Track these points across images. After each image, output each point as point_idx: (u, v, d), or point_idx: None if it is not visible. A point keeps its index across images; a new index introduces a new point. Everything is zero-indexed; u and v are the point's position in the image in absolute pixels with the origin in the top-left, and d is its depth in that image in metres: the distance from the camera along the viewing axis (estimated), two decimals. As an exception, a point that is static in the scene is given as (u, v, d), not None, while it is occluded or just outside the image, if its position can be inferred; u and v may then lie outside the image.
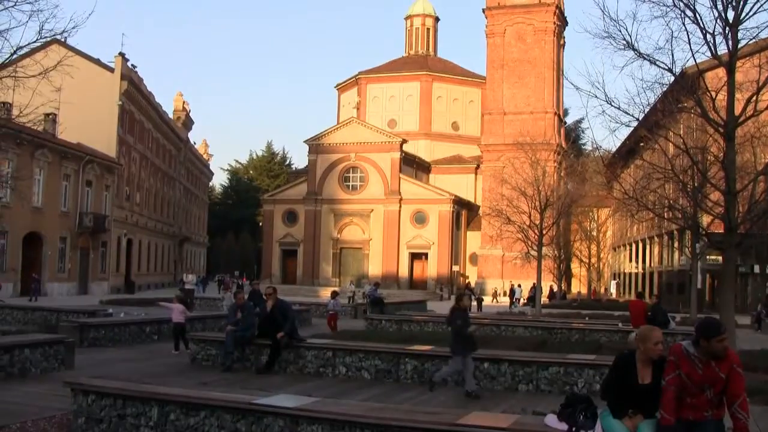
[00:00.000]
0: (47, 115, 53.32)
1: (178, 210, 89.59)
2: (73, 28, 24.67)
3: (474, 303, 52.25)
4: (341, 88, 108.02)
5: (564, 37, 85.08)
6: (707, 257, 46.31)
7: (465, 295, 17.09)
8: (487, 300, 70.92)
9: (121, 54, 62.97)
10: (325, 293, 72.24)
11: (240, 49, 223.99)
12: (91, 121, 58.68)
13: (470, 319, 16.14)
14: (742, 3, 20.11)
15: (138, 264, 71.05)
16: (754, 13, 20.26)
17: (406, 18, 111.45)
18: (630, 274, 78.73)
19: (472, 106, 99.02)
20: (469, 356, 14.68)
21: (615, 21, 21.49)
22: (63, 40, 31.55)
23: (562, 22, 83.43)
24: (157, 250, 78.77)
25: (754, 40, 21.07)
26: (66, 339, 17.28)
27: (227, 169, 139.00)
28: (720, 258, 30.58)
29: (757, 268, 49.91)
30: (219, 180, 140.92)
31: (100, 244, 60.51)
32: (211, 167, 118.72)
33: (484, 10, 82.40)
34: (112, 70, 62.17)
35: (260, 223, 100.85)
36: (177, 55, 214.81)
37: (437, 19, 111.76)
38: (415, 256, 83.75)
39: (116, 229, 63.68)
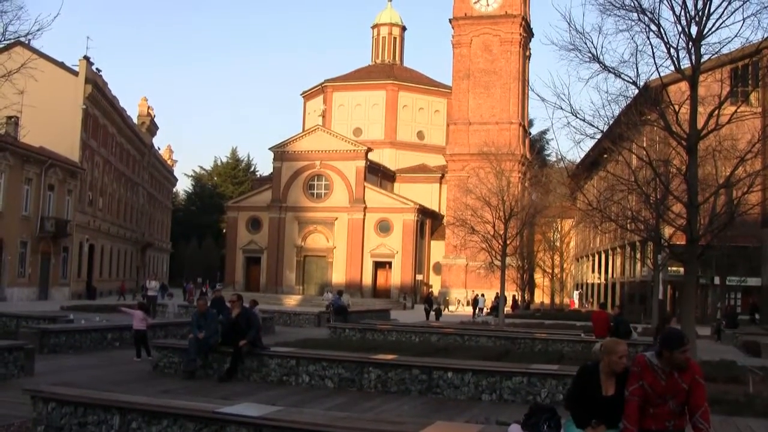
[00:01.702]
0: (9, 118, 52.68)
1: (142, 216, 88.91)
2: (38, 30, 24.52)
3: (432, 313, 52.51)
4: (307, 95, 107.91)
5: (530, 49, 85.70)
6: (669, 268, 46.75)
7: (670, 317, 16.51)
8: (452, 309, 71.24)
9: (86, 57, 62.42)
10: (289, 301, 72.23)
11: (205, 54, 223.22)
12: (54, 125, 58.06)
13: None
14: (705, 19, 20.42)
15: (100, 270, 70.38)
16: (717, 29, 20.60)
17: (373, 27, 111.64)
18: (593, 284, 79.32)
19: (438, 116, 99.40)
20: None
21: (581, 34, 21.74)
22: (27, 42, 31.28)
23: (528, 33, 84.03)
24: (119, 256, 78.08)
25: (716, 56, 21.39)
26: (26, 345, 17.04)
27: (191, 175, 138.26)
28: (681, 269, 30.91)
29: (717, 280, 50.51)
30: (183, 186, 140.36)
31: (61, 249, 59.85)
32: (175, 173, 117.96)
33: (450, 21, 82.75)
34: (76, 73, 61.59)
35: (224, 230, 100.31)
36: (142, 60, 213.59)
37: (404, 29, 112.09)
38: (378, 265, 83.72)
39: (78, 234, 63.04)
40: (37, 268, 56.33)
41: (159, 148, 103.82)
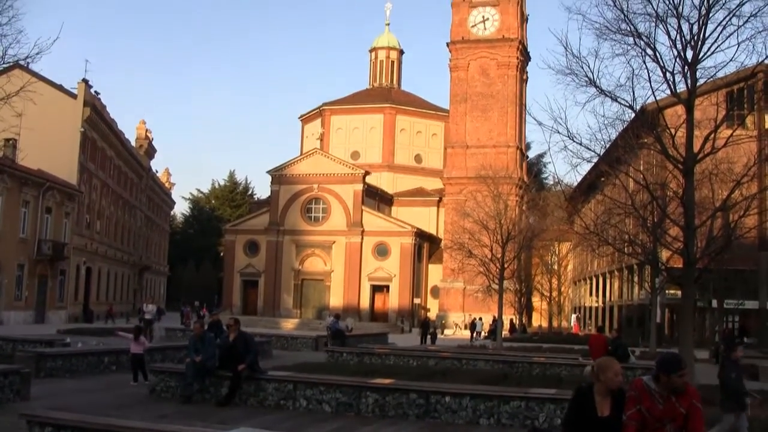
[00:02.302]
0: (8, 140, 52.90)
1: (139, 238, 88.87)
2: (37, 54, 24.59)
3: (428, 337, 52.43)
4: (305, 119, 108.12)
5: (527, 72, 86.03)
6: (666, 291, 46.74)
7: (737, 344, 16.44)
8: (448, 333, 71.06)
9: (85, 80, 62.61)
10: (286, 324, 72.07)
11: (203, 77, 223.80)
12: (52, 148, 58.14)
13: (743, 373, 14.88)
14: (700, 43, 20.56)
15: (97, 293, 70.25)
16: (712, 53, 20.74)
17: (371, 50, 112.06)
18: (591, 308, 79.21)
19: (435, 139, 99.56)
20: (742, 413, 13.64)
21: (578, 58, 21.86)
22: (26, 65, 31.38)
23: (525, 57, 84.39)
24: (116, 279, 77.97)
25: (711, 79, 21.50)
26: (22, 369, 16.99)
27: (189, 198, 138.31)
28: (679, 292, 30.88)
29: (715, 303, 50.47)
30: (181, 209, 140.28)
31: (58, 272, 59.76)
32: (172, 196, 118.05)
33: (448, 44, 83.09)
34: (74, 96, 61.74)
35: (221, 253, 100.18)
36: (140, 83, 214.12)
37: (402, 52, 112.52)
38: (376, 289, 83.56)
39: (75, 257, 62.98)
40: (33, 291, 56.21)
41: (157, 171, 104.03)
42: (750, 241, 41.11)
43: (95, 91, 65.49)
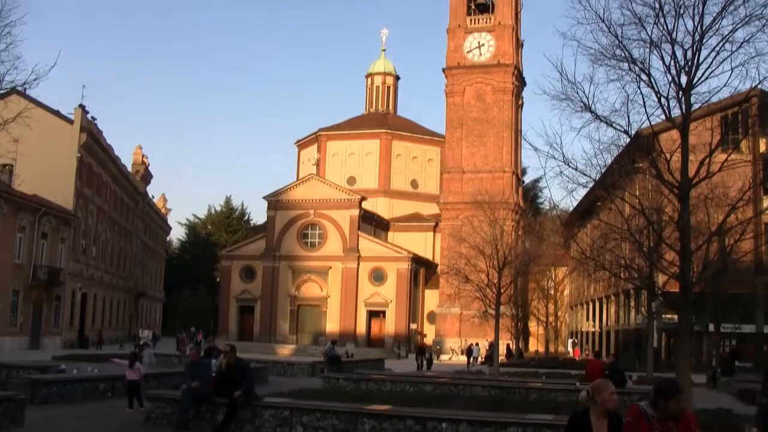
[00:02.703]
0: (4, 165, 53.02)
1: (135, 264, 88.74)
2: (35, 80, 24.66)
3: (424, 362, 52.41)
4: (301, 144, 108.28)
5: (522, 98, 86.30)
6: (663, 316, 46.69)
7: None
8: (444, 358, 70.91)
9: (81, 106, 62.72)
10: (283, 351, 71.87)
11: (200, 103, 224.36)
12: (48, 173, 58.18)
13: None
14: (694, 69, 20.69)
15: (92, 318, 70.03)
16: (706, 79, 20.86)
17: (367, 76, 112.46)
18: (587, 332, 79.09)
19: (431, 165, 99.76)
20: None
21: (573, 83, 21.94)
22: (23, 90, 31.49)
23: (521, 82, 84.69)
24: (112, 305, 77.76)
25: (706, 104, 21.62)
26: (16, 396, 16.92)
27: (185, 224, 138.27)
28: (675, 317, 30.88)
29: (711, 327, 50.41)
30: (177, 234, 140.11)
31: (54, 297, 59.59)
32: (169, 222, 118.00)
33: (443, 70, 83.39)
34: (71, 122, 61.83)
35: (218, 279, 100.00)
36: (137, 109, 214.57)
37: (397, 78, 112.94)
38: (372, 314, 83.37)
39: (71, 283, 62.83)
40: (28, 316, 56.02)
41: (153, 197, 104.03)
42: (746, 265, 41.16)
43: (92, 117, 65.62)
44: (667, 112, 21.34)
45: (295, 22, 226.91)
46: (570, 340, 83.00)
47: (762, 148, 51.71)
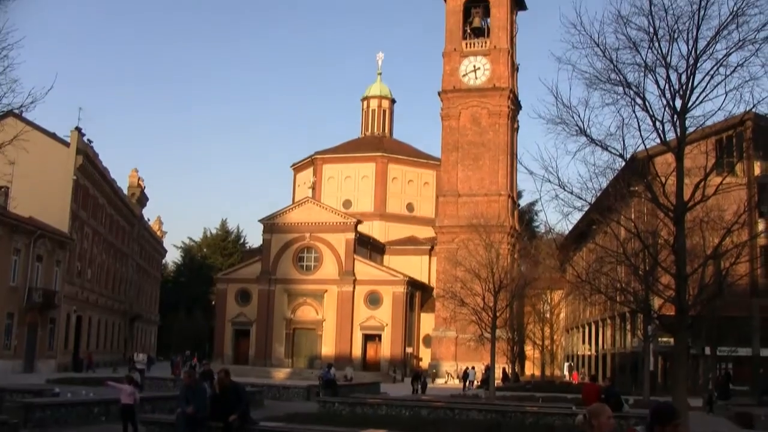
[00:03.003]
0: (0, 188, 52.92)
1: (130, 287, 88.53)
2: (31, 103, 24.71)
3: (419, 386, 52.27)
4: (297, 167, 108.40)
5: (518, 121, 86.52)
6: (659, 339, 46.66)
7: None
8: (440, 382, 70.74)
9: (78, 128, 62.76)
10: (278, 374, 71.60)
11: (196, 126, 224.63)
12: (44, 195, 58.13)
13: None
14: (689, 93, 20.84)
15: (87, 341, 69.76)
16: (701, 102, 21.02)
17: (363, 99, 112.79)
18: (583, 356, 78.95)
19: (427, 188, 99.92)
20: None
21: (568, 107, 22.09)
22: (20, 113, 31.54)
23: (516, 106, 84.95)
24: (107, 328, 77.49)
25: (701, 128, 21.74)
26: (9, 420, 16.86)
27: (181, 247, 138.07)
28: (672, 340, 30.86)
29: (708, 350, 50.36)
30: (172, 257, 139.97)
31: (48, 320, 59.37)
32: (164, 244, 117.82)
33: (439, 93, 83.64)
34: (67, 144, 61.84)
35: (213, 302, 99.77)
36: (133, 131, 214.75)
37: (393, 101, 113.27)
38: (368, 338, 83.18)
39: (66, 306, 62.63)
40: (23, 339, 55.78)
41: (149, 220, 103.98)
42: (742, 288, 41.15)
43: (88, 139, 65.68)
44: (662, 135, 21.46)
45: (292, 46, 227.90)
46: (566, 364, 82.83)
47: (757, 171, 51.93)
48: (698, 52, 20.81)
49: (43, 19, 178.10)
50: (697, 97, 20.93)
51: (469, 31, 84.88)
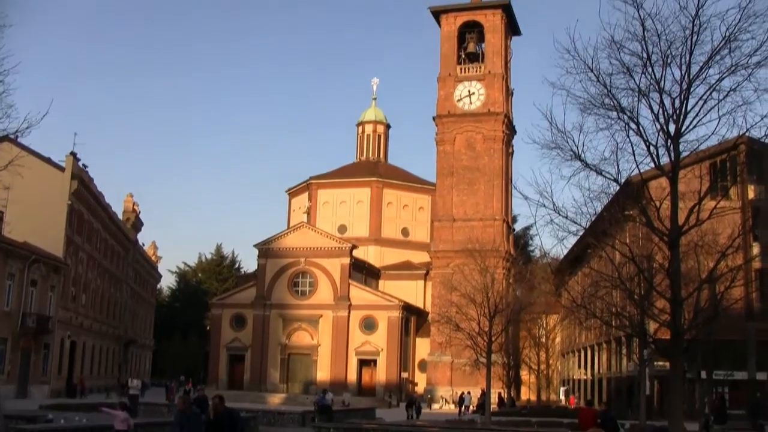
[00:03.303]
0: (-6, 213, 52.85)
1: (125, 312, 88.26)
2: (27, 128, 24.78)
3: (413, 412, 52.10)
4: (292, 192, 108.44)
5: (513, 146, 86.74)
6: (655, 363, 46.59)
7: None
8: (435, 407, 70.52)
9: (73, 153, 62.75)
10: (273, 400, 71.33)
11: (191, 150, 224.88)
12: (39, 220, 58.03)
13: None
14: (682, 117, 20.97)
15: (81, 367, 69.43)
16: (694, 127, 21.15)
17: (358, 124, 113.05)
18: (579, 380, 78.74)
19: (422, 213, 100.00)
20: None
21: (562, 132, 22.22)
22: (15, 138, 31.57)
23: (511, 131, 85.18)
24: (101, 353, 77.16)
25: (695, 152, 21.86)
26: (4, 445, 16.75)
27: (175, 272, 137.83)
28: (667, 364, 30.83)
29: (704, 374, 50.25)
30: (167, 282, 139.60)
31: (42, 345, 59.09)
32: (159, 269, 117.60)
33: (434, 118, 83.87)
34: (62, 169, 61.81)
35: (208, 327, 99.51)
36: (129, 156, 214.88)
37: (388, 126, 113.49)
38: (363, 363, 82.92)
39: (60, 331, 62.39)
40: (16, 365, 55.48)
41: (144, 245, 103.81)
42: (737, 312, 41.13)
43: (83, 164, 65.64)
44: (656, 160, 21.58)
45: (287, 72, 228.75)
46: (563, 388, 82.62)
47: (751, 194, 52.06)
48: (691, 77, 20.97)
49: (40, 43, 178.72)
50: (691, 122, 21.09)
51: (463, 56, 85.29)
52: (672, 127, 21.28)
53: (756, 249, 49.56)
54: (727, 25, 20.48)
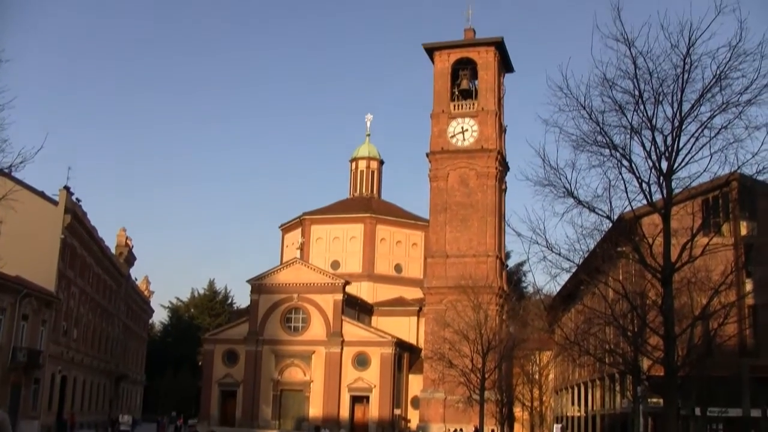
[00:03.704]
0: (-14, 247, 52.56)
1: (116, 346, 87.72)
2: (21, 162, 24.84)
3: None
4: (285, 228, 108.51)
5: (506, 182, 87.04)
6: (648, 400, 46.41)
7: None
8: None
9: (66, 188, 62.66)
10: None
11: (184, 186, 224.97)
12: (31, 254, 57.75)
13: None
14: (674, 154, 21.12)
15: (72, 402, 68.86)
16: (686, 164, 21.29)
17: (352, 161, 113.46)
18: (573, 417, 78.36)
19: (415, 249, 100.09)
20: None
21: (555, 169, 22.36)
22: (9, 172, 31.58)
23: (504, 167, 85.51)
24: (92, 388, 76.53)
25: (687, 189, 21.98)
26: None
27: (168, 307, 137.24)
28: (661, 401, 30.75)
29: (698, 411, 50.06)
30: (159, 317, 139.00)
31: (33, 380, 58.60)
32: (151, 304, 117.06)
33: (427, 155, 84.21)
34: (56, 203, 61.71)
35: (200, 363, 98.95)
36: (122, 191, 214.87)
37: (382, 162, 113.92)
38: (356, 399, 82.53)
39: (51, 366, 61.92)
40: (6, 399, 54.92)
41: (136, 279, 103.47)
42: (731, 348, 41.13)
43: (76, 198, 65.55)
44: (648, 197, 21.71)
45: (282, 108, 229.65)
46: (557, 425, 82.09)
47: (743, 231, 52.21)
48: (683, 115, 21.16)
49: (37, 76, 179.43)
50: (683, 159, 21.26)
51: (457, 92, 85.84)
52: (664, 165, 21.45)
53: (749, 285, 49.58)
54: (717, 64, 20.74)
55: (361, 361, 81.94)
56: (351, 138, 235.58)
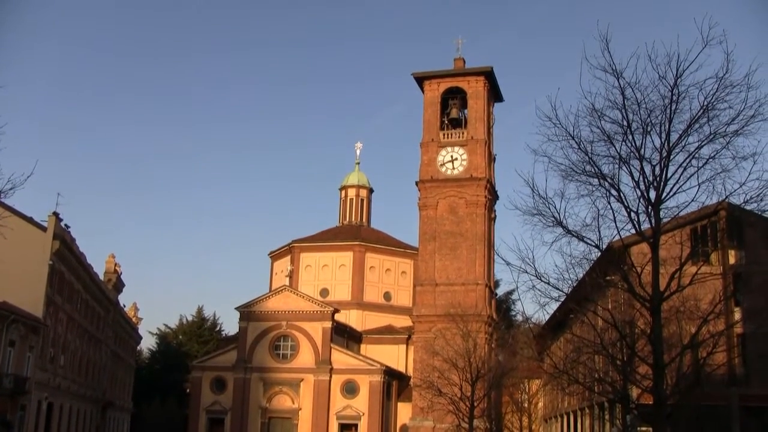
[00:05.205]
0: (-26, 273, 52.41)
1: (104, 373, 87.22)
2: (11, 189, 24.82)
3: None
4: (274, 255, 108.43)
5: (495, 211, 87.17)
6: (638, 429, 46.36)
7: None
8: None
9: (55, 213, 62.56)
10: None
11: (174, 214, 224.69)
12: (19, 280, 57.54)
13: None
14: (663, 184, 21.30)
15: (58, 429, 68.30)
16: (674, 194, 21.46)
17: (341, 188, 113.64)
18: (561, 447, 78.16)
19: (404, 277, 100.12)
20: None
21: (544, 199, 22.51)
22: (-2, 199, 31.52)
23: (493, 196, 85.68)
24: (78, 416, 75.96)
25: (675, 218, 22.14)
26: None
27: (156, 333, 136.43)
28: (650, 430, 30.76)
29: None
30: (147, 344, 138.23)
31: (18, 407, 58.18)
32: (139, 331, 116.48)
33: (417, 183, 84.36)
34: (44, 229, 61.56)
35: (188, 390, 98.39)
36: (111, 217, 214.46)
37: (371, 191, 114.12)
38: (344, 427, 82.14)
39: (37, 392, 61.49)
40: (-9, 428, 54.59)
41: (125, 306, 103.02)
42: (720, 377, 41.18)
43: (65, 225, 65.42)
44: (637, 226, 21.87)
45: (271, 133, 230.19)
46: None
47: (732, 260, 52.45)
48: (671, 145, 21.37)
49: (28, 102, 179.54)
50: (671, 189, 21.44)
51: (446, 121, 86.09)
52: (653, 194, 21.62)
53: (738, 314, 49.72)
54: (705, 95, 20.98)
55: (350, 389, 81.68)
56: (341, 166, 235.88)
